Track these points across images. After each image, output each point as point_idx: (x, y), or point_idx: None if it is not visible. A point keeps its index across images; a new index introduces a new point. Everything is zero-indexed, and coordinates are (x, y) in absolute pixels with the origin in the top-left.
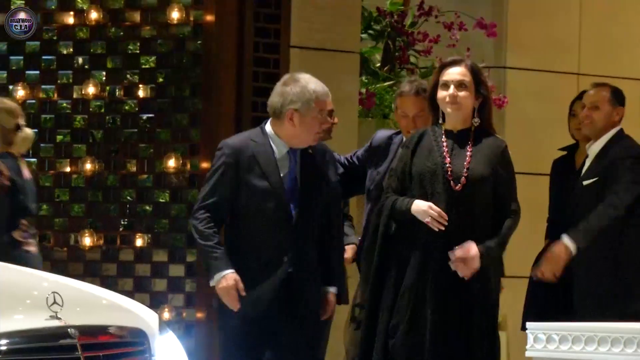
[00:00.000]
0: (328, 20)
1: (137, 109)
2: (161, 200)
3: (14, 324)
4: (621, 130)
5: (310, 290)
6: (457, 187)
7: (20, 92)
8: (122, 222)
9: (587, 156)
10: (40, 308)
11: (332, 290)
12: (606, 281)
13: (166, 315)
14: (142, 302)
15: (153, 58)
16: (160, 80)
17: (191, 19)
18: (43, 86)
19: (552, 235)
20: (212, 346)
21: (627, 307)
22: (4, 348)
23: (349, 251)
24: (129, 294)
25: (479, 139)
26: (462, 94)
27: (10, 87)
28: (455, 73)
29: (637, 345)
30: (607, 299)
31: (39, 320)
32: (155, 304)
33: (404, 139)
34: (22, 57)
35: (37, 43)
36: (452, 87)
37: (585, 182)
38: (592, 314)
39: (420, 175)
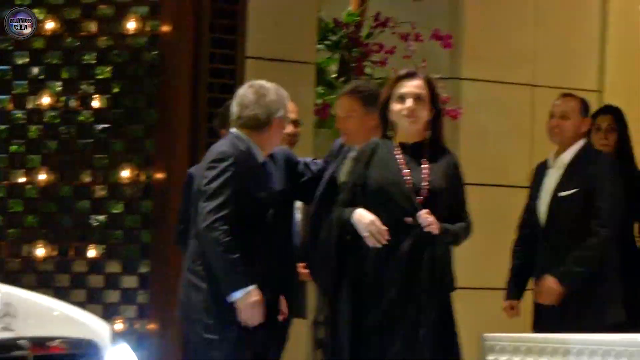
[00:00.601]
0: (284, 31)
1: (92, 119)
2: (115, 211)
3: None
4: (589, 142)
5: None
6: (418, 200)
7: None
8: (76, 233)
9: (550, 167)
10: None
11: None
12: (583, 293)
13: (118, 326)
14: (95, 314)
15: (109, 68)
16: (116, 90)
17: (147, 29)
18: None
19: (525, 244)
20: (164, 358)
21: (603, 319)
22: None
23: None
24: (82, 305)
25: (432, 152)
26: (419, 107)
27: None
28: (412, 86)
29: (587, 357)
30: (583, 310)
31: None
32: (108, 315)
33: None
34: None
35: None
36: (409, 100)
37: (562, 194)
38: (571, 325)
39: (380, 187)
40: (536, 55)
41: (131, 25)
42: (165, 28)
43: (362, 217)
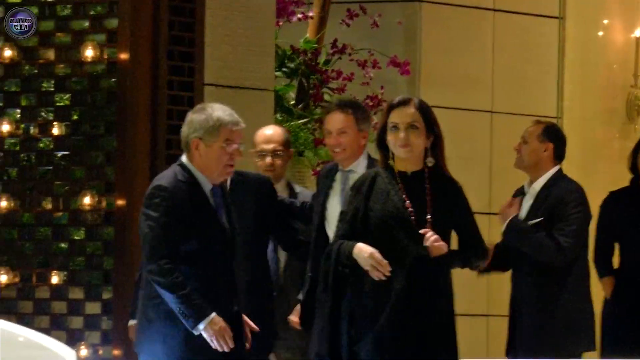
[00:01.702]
0: (242, 58)
1: (52, 146)
2: (77, 237)
3: None
4: (560, 170)
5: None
6: (422, 232)
7: None
8: (38, 260)
9: (524, 195)
10: None
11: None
12: (545, 318)
13: (83, 352)
14: (59, 340)
15: (67, 96)
16: (75, 117)
17: (105, 56)
18: None
19: None
20: None
21: (563, 346)
22: None
23: (295, 313)
24: (46, 332)
25: (434, 181)
26: (413, 136)
27: None
28: (404, 115)
29: None
30: (544, 336)
31: None
32: (72, 341)
33: (341, 168)
34: None
35: None
36: (402, 129)
37: (530, 223)
38: (530, 349)
39: (382, 220)
40: (494, 81)
41: (89, 52)
42: (123, 55)
43: (361, 250)
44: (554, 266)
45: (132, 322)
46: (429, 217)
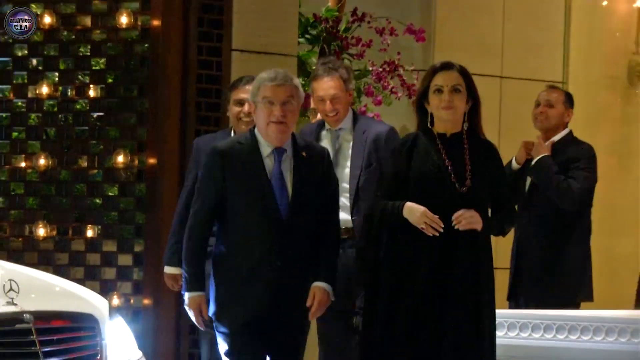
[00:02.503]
0: (267, 26)
1: (87, 108)
2: (110, 193)
3: None
4: (571, 131)
5: (299, 288)
6: (462, 189)
7: None
8: (74, 215)
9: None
10: None
11: (319, 284)
12: (548, 268)
13: (115, 301)
14: (93, 290)
15: (103, 60)
16: (110, 81)
17: (139, 23)
18: None
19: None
20: (158, 331)
21: (565, 295)
22: None
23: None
24: (80, 282)
25: (471, 142)
26: (456, 98)
27: None
28: (448, 78)
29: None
30: (545, 284)
31: None
32: (104, 291)
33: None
34: None
35: None
36: (446, 91)
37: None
38: (531, 296)
39: (422, 178)
40: (504, 48)
41: (123, 19)
42: (156, 22)
43: (413, 209)
44: (560, 214)
45: (168, 270)
46: (468, 174)
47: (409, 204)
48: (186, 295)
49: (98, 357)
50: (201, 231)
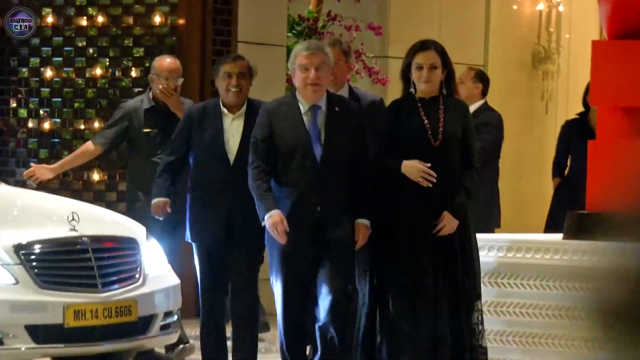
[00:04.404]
0: (264, 23)
1: (130, 85)
2: None
3: (45, 234)
4: (486, 102)
5: (337, 224)
6: (435, 143)
7: (49, 73)
8: (120, 165)
9: None
10: (63, 223)
11: (361, 221)
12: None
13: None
14: (133, 219)
15: (142, 49)
16: (147, 65)
17: (168, 22)
18: (65, 68)
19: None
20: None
21: (481, 225)
22: (39, 250)
23: None
24: (124, 214)
25: (446, 103)
26: (434, 74)
27: (42, 69)
28: (427, 57)
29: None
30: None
31: (62, 231)
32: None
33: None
34: (50, 48)
35: (61, 38)
36: (425, 68)
37: None
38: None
39: (408, 135)
40: (441, 40)
41: (157, 19)
42: (181, 21)
43: (409, 165)
44: None
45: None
46: (440, 129)
47: (406, 161)
48: (268, 214)
49: (138, 269)
50: (259, 172)
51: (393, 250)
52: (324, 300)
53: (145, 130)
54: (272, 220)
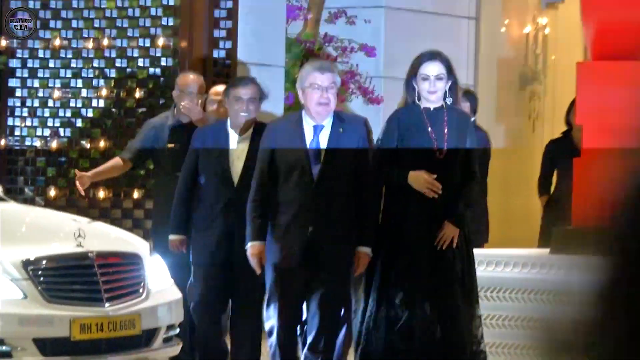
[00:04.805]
0: (263, 45)
1: (134, 105)
2: (151, 167)
3: (53, 250)
4: (474, 120)
5: (332, 247)
6: (440, 155)
7: (56, 93)
8: (125, 181)
9: None
10: (69, 239)
11: (362, 249)
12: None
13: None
14: (138, 236)
15: (146, 71)
16: (150, 86)
17: (171, 44)
18: (71, 87)
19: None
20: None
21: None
22: (46, 266)
23: None
24: (129, 230)
25: (450, 114)
26: (439, 84)
27: (48, 89)
28: (433, 69)
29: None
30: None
31: (69, 247)
32: (147, 237)
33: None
34: (57, 69)
35: (67, 60)
36: (431, 79)
37: None
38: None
39: (412, 144)
40: None
41: (160, 42)
42: (184, 44)
43: (416, 176)
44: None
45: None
46: (444, 141)
47: (412, 172)
48: (249, 244)
49: (141, 284)
50: (257, 193)
51: (396, 259)
52: (312, 326)
53: (170, 146)
54: (251, 251)
